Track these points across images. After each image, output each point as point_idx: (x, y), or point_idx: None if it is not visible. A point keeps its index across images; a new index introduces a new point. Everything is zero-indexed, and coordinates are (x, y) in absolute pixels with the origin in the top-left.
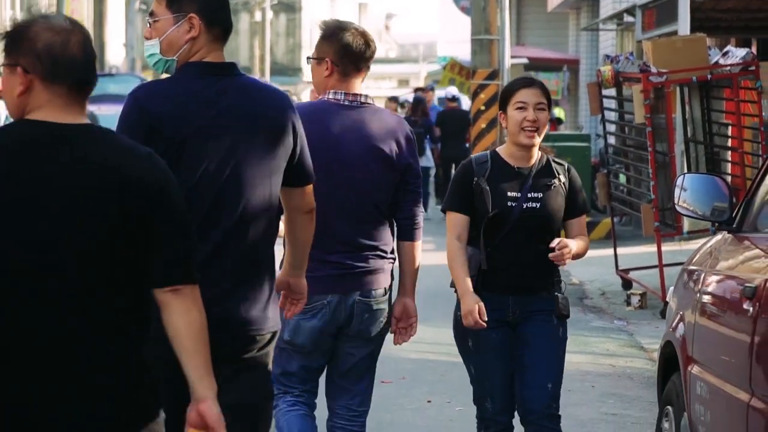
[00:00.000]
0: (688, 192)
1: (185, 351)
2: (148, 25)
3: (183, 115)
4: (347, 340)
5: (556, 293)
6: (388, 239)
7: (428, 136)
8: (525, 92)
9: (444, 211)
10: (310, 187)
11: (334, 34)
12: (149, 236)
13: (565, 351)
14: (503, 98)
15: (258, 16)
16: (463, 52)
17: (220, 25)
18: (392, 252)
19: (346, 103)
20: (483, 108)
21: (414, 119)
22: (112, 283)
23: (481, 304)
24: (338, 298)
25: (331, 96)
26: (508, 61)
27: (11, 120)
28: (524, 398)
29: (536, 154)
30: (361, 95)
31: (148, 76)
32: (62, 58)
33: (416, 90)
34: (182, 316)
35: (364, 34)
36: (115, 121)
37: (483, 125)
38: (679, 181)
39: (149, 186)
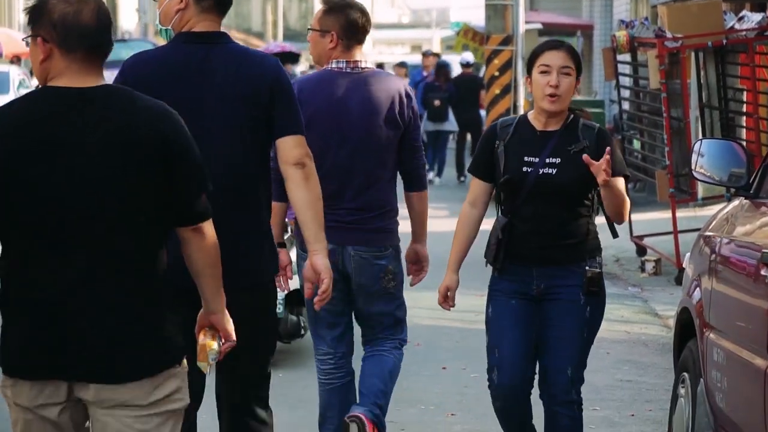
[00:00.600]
0: (705, 158)
1: (203, 275)
2: None
3: (159, 81)
4: (358, 296)
5: (586, 267)
6: (392, 199)
7: (451, 101)
8: (550, 55)
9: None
10: (295, 139)
11: (340, 9)
12: (171, 183)
13: (594, 331)
14: (530, 61)
15: None
16: (476, 17)
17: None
18: (396, 212)
19: (348, 70)
20: (497, 74)
21: (438, 84)
22: (142, 220)
23: (453, 288)
24: (336, 249)
25: (334, 65)
26: (522, 27)
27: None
28: (544, 381)
29: (563, 117)
30: (360, 61)
31: (161, 41)
32: (75, 27)
33: (424, 54)
34: (201, 248)
35: (363, 10)
36: None
37: (497, 91)
38: (696, 146)
39: (168, 140)
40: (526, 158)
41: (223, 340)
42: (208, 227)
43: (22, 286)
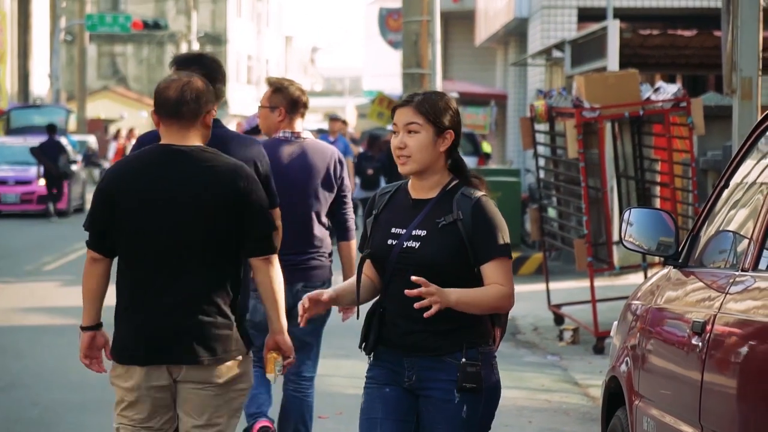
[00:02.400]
0: (634, 226)
1: (269, 299)
2: None
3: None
4: (293, 322)
5: (462, 359)
6: (327, 243)
7: (384, 170)
8: (397, 113)
9: None
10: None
11: (285, 88)
12: (246, 223)
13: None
14: None
15: (184, 47)
16: (388, 85)
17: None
18: (330, 254)
19: (293, 139)
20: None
21: (371, 154)
22: (222, 253)
23: (321, 298)
24: (286, 288)
25: (281, 135)
26: None
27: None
28: None
29: (442, 183)
30: (301, 132)
31: (74, 107)
32: (160, 99)
33: (331, 119)
34: (268, 275)
35: (302, 89)
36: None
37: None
38: (625, 215)
39: (243, 192)
40: (393, 230)
41: (284, 356)
42: (275, 259)
43: (135, 301)
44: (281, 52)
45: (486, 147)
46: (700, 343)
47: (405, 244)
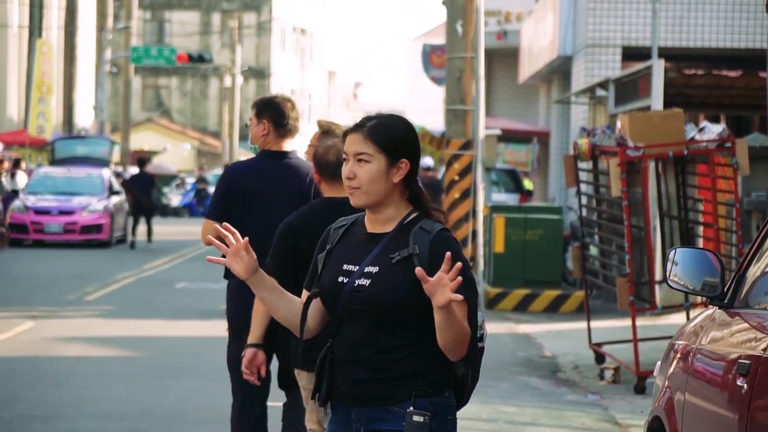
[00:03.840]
0: (680, 266)
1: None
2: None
3: (253, 180)
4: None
5: (410, 407)
6: None
7: None
8: (348, 140)
9: None
10: None
11: (333, 131)
12: None
13: None
14: None
15: (228, 81)
16: (430, 121)
17: (281, 128)
18: None
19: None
20: (457, 178)
21: None
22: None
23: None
24: None
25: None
26: (482, 132)
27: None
28: None
29: (399, 216)
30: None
31: (117, 139)
32: (322, 163)
33: None
34: None
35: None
36: (84, 184)
37: (456, 195)
38: (670, 254)
39: None
40: (345, 266)
41: None
42: None
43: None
44: (324, 87)
45: (528, 184)
46: (746, 385)
47: (356, 282)
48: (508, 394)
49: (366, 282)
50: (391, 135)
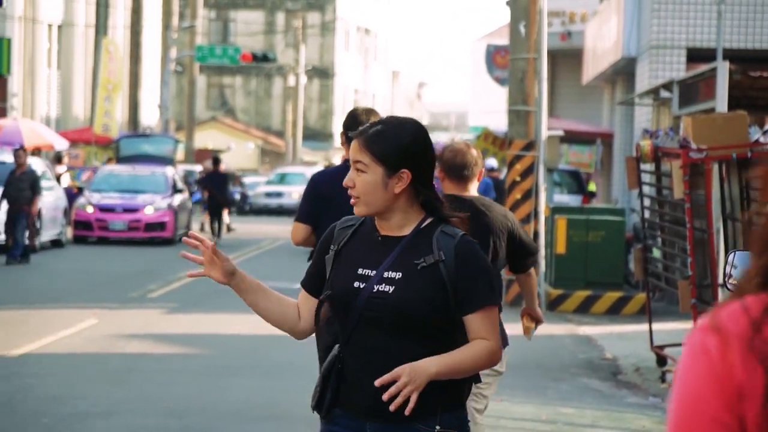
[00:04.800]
0: (738, 269)
1: (528, 294)
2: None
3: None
4: None
5: (436, 426)
6: None
7: None
8: (351, 146)
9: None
10: None
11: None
12: (516, 248)
13: None
14: None
15: (292, 80)
16: (494, 122)
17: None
18: None
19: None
20: (518, 179)
21: None
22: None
23: None
24: None
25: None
26: (544, 133)
27: None
28: None
29: (413, 220)
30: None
31: (182, 137)
32: (450, 164)
33: None
34: (530, 282)
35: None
36: (148, 182)
37: (518, 196)
38: (729, 257)
39: (512, 227)
40: (360, 270)
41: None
42: (534, 272)
43: None
44: (388, 87)
45: (591, 186)
46: None
47: (375, 287)
48: (568, 396)
49: (388, 288)
50: (389, 145)
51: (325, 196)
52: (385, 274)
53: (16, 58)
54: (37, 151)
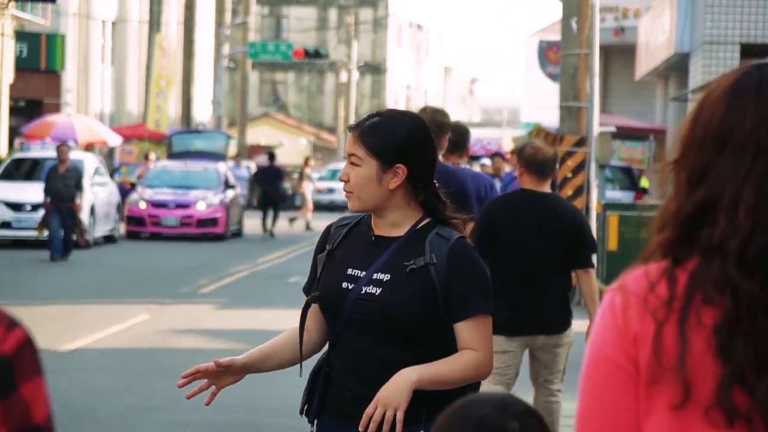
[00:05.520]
0: None
1: (588, 297)
2: None
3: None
4: None
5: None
6: None
7: None
8: (348, 139)
9: None
10: None
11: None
12: (578, 243)
13: None
14: None
15: (344, 76)
16: (547, 118)
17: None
18: None
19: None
20: (570, 175)
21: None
22: (563, 262)
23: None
24: None
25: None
26: (596, 129)
27: None
28: None
29: (410, 220)
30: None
31: (234, 133)
32: (531, 161)
33: (495, 156)
34: (590, 281)
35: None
36: (200, 178)
37: (569, 192)
38: None
39: (579, 221)
40: (349, 270)
41: None
42: (593, 272)
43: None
44: (440, 83)
45: (644, 182)
46: None
47: (363, 289)
48: None
49: (375, 290)
50: (384, 139)
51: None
52: (375, 276)
53: (71, 55)
54: (90, 147)
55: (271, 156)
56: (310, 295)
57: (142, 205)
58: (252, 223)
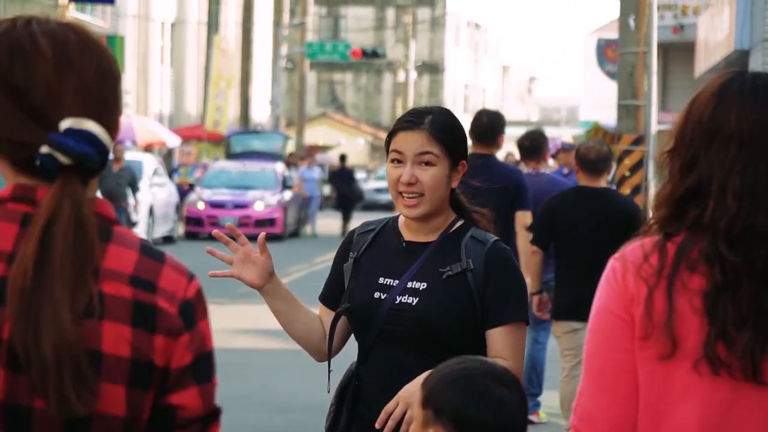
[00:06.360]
0: None
1: None
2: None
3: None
4: None
5: None
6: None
7: None
8: (402, 137)
9: None
10: None
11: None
12: (631, 231)
13: None
14: (386, 146)
15: (401, 76)
16: (606, 116)
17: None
18: None
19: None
20: (627, 174)
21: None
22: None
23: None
24: None
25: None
26: (654, 127)
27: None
28: None
29: (444, 223)
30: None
31: (292, 133)
32: (585, 159)
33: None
34: None
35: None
36: (258, 178)
37: (627, 191)
38: None
39: (635, 213)
40: (381, 279)
41: None
42: None
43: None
44: (498, 82)
45: None
46: None
47: (398, 298)
48: None
49: (412, 300)
50: (454, 134)
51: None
52: (409, 284)
53: (130, 56)
54: (149, 148)
55: (342, 158)
56: (341, 307)
57: (201, 206)
58: (325, 222)
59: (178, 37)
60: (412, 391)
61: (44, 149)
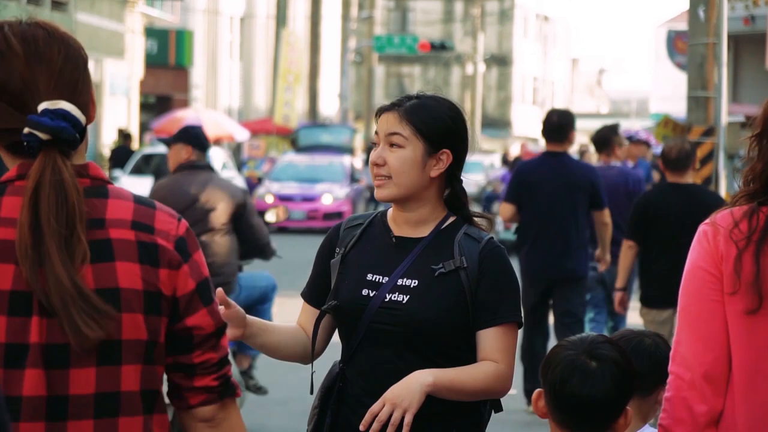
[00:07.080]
0: None
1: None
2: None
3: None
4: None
5: None
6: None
7: None
8: (381, 120)
9: None
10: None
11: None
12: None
13: None
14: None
15: (470, 69)
16: (676, 108)
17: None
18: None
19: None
20: (698, 166)
21: None
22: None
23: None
24: None
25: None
26: (724, 119)
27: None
28: None
29: (435, 219)
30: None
31: (360, 127)
32: (670, 157)
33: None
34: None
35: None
36: (326, 171)
37: (698, 183)
38: None
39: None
40: (370, 276)
41: None
42: None
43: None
44: (567, 74)
45: None
46: None
47: (387, 296)
48: None
49: (402, 297)
50: (431, 118)
51: (527, 183)
52: (399, 282)
53: (199, 50)
54: (218, 142)
55: None
56: (326, 304)
57: (269, 199)
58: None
59: (246, 31)
60: (398, 392)
61: (26, 130)
